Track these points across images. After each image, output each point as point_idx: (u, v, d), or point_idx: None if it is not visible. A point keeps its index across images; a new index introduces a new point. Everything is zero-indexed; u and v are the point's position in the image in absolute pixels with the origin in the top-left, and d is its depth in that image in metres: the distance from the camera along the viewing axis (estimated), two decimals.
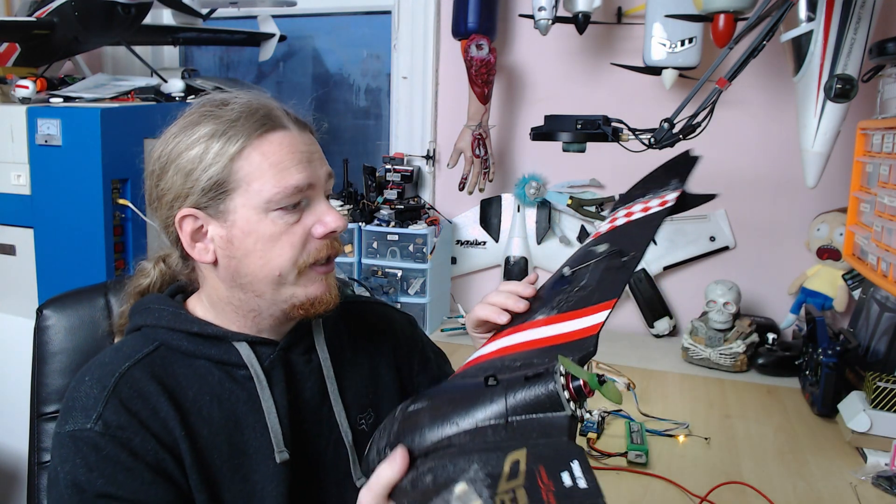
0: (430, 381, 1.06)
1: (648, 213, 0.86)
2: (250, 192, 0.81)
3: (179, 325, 0.86)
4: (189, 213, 0.84)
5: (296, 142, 0.84)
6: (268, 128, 0.82)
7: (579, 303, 0.76)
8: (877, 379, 1.51)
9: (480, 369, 0.75)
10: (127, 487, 0.77)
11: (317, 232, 0.84)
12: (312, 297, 0.85)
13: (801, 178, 1.69)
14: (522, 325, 0.80)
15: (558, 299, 0.80)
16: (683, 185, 0.88)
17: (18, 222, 1.84)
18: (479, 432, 0.64)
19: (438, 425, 0.66)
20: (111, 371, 0.82)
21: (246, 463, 0.85)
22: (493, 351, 0.79)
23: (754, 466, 1.45)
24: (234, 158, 0.81)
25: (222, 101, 0.85)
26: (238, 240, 0.83)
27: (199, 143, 0.82)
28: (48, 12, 1.99)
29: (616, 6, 2.18)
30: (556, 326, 0.75)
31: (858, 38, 1.54)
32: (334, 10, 2.67)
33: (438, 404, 0.69)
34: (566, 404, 0.62)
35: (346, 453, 0.92)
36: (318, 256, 0.84)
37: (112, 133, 1.73)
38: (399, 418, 0.72)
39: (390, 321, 1.06)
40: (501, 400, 0.64)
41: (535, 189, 2.30)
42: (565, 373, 0.63)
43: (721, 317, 1.96)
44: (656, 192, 0.90)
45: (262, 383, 0.86)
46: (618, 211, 0.92)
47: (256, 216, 0.82)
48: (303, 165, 0.82)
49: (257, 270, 0.83)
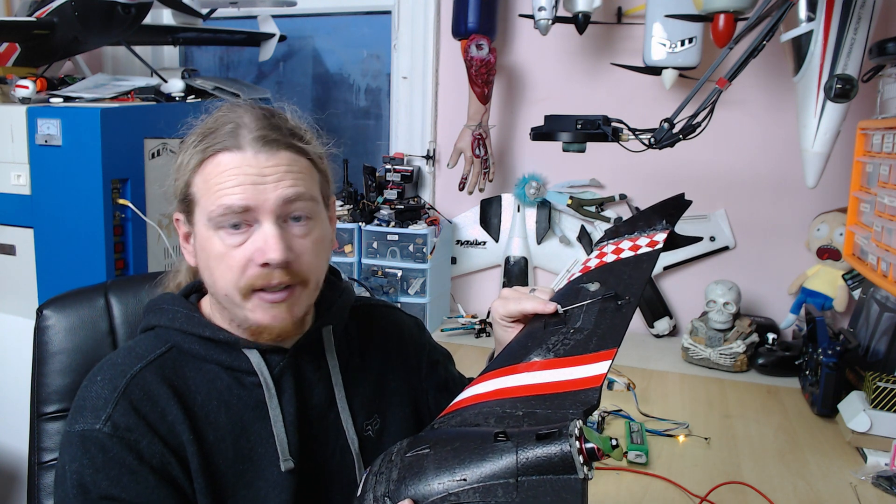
0: (438, 385, 1.05)
1: (638, 252, 0.86)
2: (201, 207, 0.83)
3: (192, 328, 0.87)
4: (178, 216, 0.87)
5: (245, 164, 0.80)
6: (220, 147, 0.81)
7: (577, 347, 0.75)
8: (877, 379, 1.51)
9: (480, 414, 0.73)
10: (131, 491, 0.77)
11: (255, 259, 0.80)
12: (257, 323, 0.83)
13: (801, 178, 1.69)
14: (518, 365, 0.78)
15: (553, 340, 0.78)
16: (672, 227, 0.88)
17: (18, 222, 1.84)
18: (489, 491, 0.62)
19: (444, 478, 0.64)
20: (123, 372, 0.83)
21: (251, 470, 0.85)
22: (489, 391, 0.76)
23: (754, 466, 1.45)
24: (191, 173, 0.83)
25: (208, 113, 0.86)
26: (199, 252, 0.85)
27: (183, 151, 0.85)
28: (48, 12, 1.99)
29: (616, 6, 2.18)
30: (556, 372, 0.73)
31: (858, 38, 1.54)
32: (334, 10, 2.67)
33: (444, 455, 0.66)
34: (580, 467, 0.61)
35: (351, 460, 0.92)
36: (258, 283, 0.81)
37: (112, 133, 1.73)
38: (397, 464, 0.68)
39: (399, 325, 1.06)
40: (511, 456, 0.62)
41: (535, 189, 2.31)
42: (578, 434, 0.62)
43: (721, 317, 1.96)
44: (644, 230, 0.90)
45: (271, 391, 0.86)
46: (605, 245, 0.92)
47: (207, 233, 0.82)
48: (244, 187, 0.79)
49: (213, 285, 0.85)
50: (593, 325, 0.78)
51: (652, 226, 0.89)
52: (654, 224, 0.89)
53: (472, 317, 2.29)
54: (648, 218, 0.92)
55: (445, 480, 0.64)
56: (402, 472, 0.67)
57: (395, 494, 0.65)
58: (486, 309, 2.29)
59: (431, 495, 0.63)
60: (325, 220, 0.88)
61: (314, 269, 0.85)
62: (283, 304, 0.83)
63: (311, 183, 0.85)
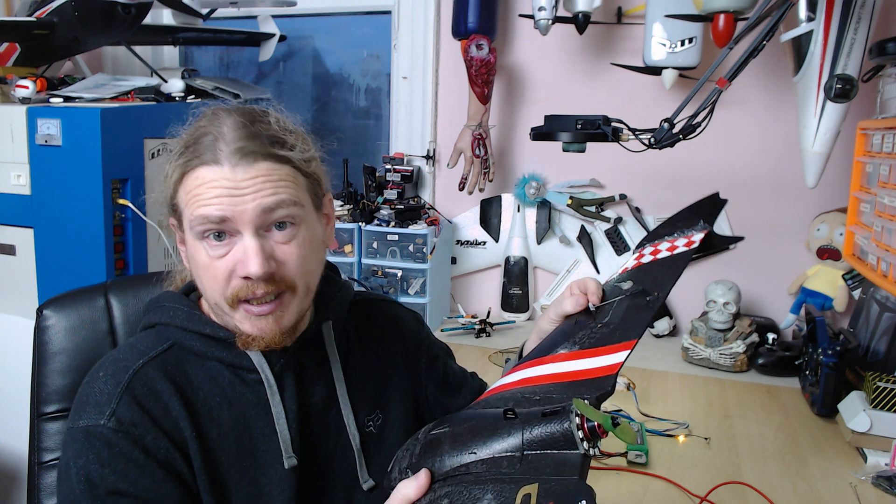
0: (438, 380, 1.06)
1: (674, 252, 0.88)
2: (185, 217, 0.83)
3: (192, 325, 0.87)
4: (172, 221, 0.87)
5: (223, 178, 0.80)
6: (199, 162, 0.81)
7: (601, 340, 0.78)
8: (877, 379, 1.51)
9: (502, 399, 0.77)
10: (138, 484, 0.77)
11: (237, 271, 0.81)
12: (245, 333, 0.83)
13: (801, 178, 1.69)
14: (545, 357, 0.81)
15: (581, 334, 0.82)
16: (710, 227, 0.90)
17: (18, 222, 1.84)
18: (494, 462, 0.66)
19: (458, 452, 0.69)
20: (125, 367, 0.83)
21: (254, 466, 0.85)
22: (515, 381, 0.80)
23: (754, 466, 1.45)
24: (175, 185, 0.84)
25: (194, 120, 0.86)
26: (189, 259, 0.86)
27: (168, 161, 0.85)
28: (48, 12, 1.99)
29: (616, 6, 2.18)
30: (578, 363, 0.76)
31: (858, 38, 1.54)
32: (334, 10, 2.67)
33: (459, 432, 0.71)
34: (580, 443, 0.63)
35: (353, 456, 0.92)
36: (242, 295, 0.81)
37: (112, 133, 1.73)
38: (422, 440, 0.74)
39: (398, 320, 1.06)
40: (518, 433, 0.66)
41: (535, 189, 2.31)
42: (580, 413, 0.64)
43: (721, 317, 1.96)
44: (683, 231, 0.91)
45: (273, 388, 0.86)
46: (644, 248, 0.94)
47: (194, 242, 0.82)
48: (220, 199, 0.79)
49: (203, 292, 0.86)
50: (620, 320, 0.80)
51: (691, 226, 0.91)
52: (693, 224, 0.91)
53: (472, 317, 2.29)
54: (686, 218, 0.93)
55: (459, 454, 0.69)
56: (423, 448, 0.73)
57: (415, 467, 0.71)
58: (486, 309, 2.29)
59: (445, 467, 0.69)
60: (315, 221, 0.87)
61: (302, 275, 0.84)
62: (269, 316, 0.82)
63: (295, 188, 0.83)
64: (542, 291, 2.41)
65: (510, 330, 2.27)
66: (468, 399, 1.07)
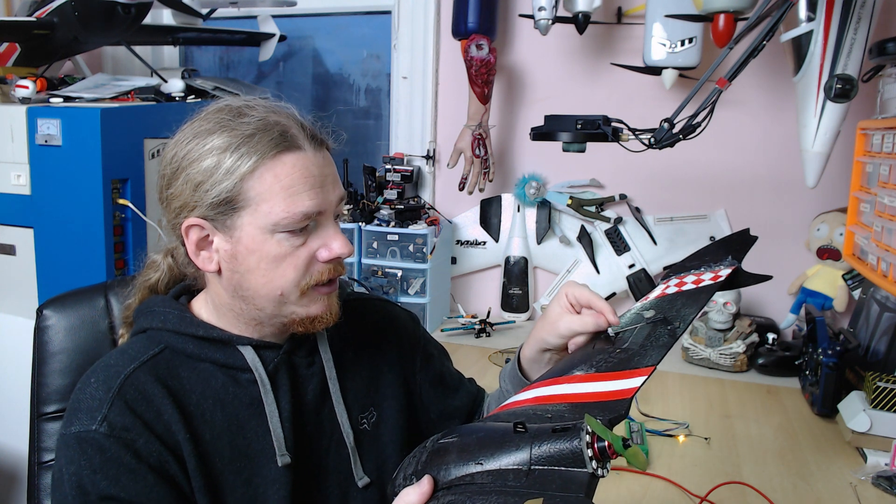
0: (433, 379, 1.05)
1: (700, 286, 0.88)
2: (259, 212, 0.80)
3: (185, 328, 0.86)
4: (195, 223, 0.83)
5: (310, 164, 0.82)
6: (282, 148, 0.80)
7: (619, 365, 0.78)
8: (877, 379, 1.51)
9: (513, 415, 0.76)
10: (130, 490, 0.77)
11: (321, 256, 0.84)
12: (313, 315, 0.86)
13: (801, 178, 1.69)
14: (560, 377, 0.81)
15: (599, 358, 0.82)
16: (738, 263, 0.89)
17: (18, 222, 1.84)
18: (500, 474, 0.66)
19: (464, 462, 0.69)
20: (116, 373, 0.82)
21: (248, 466, 0.85)
22: (529, 398, 0.80)
23: (754, 466, 1.45)
24: (245, 177, 0.80)
25: (239, 112, 0.83)
26: (242, 256, 0.83)
27: (211, 155, 0.80)
28: (48, 12, 1.99)
29: (616, 6, 2.18)
30: (593, 385, 0.76)
31: (858, 38, 1.54)
32: (334, 10, 2.67)
33: (468, 442, 0.72)
34: (588, 462, 0.62)
35: (347, 454, 0.92)
36: (321, 279, 0.84)
37: (112, 133, 1.73)
38: (429, 448, 0.74)
39: (392, 318, 1.06)
40: (527, 447, 0.66)
41: (535, 189, 2.31)
42: (591, 431, 0.64)
43: (721, 317, 1.96)
44: (710, 265, 0.91)
45: (266, 387, 0.86)
46: (670, 279, 0.93)
47: (262, 236, 0.81)
48: (314, 191, 0.81)
49: (259, 287, 0.84)
50: (639, 346, 0.81)
51: (718, 260, 0.91)
52: (721, 259, 0.91)
53: (472, 317, 2.29)
54: (714, 253, 0.93)
55: (465, 464, 0.69)
56: (430, 456, 0.73)
57: (420, 474, 0.71)
58: (486, 309, 2.29)
59: (451, 475, 0.69)
60: None
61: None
62: (333, 294, 0.88)
63: None
64: (542, 291, 2.41)
65: (510, 330, 2.27)
66: (464, 401, 1.07)
